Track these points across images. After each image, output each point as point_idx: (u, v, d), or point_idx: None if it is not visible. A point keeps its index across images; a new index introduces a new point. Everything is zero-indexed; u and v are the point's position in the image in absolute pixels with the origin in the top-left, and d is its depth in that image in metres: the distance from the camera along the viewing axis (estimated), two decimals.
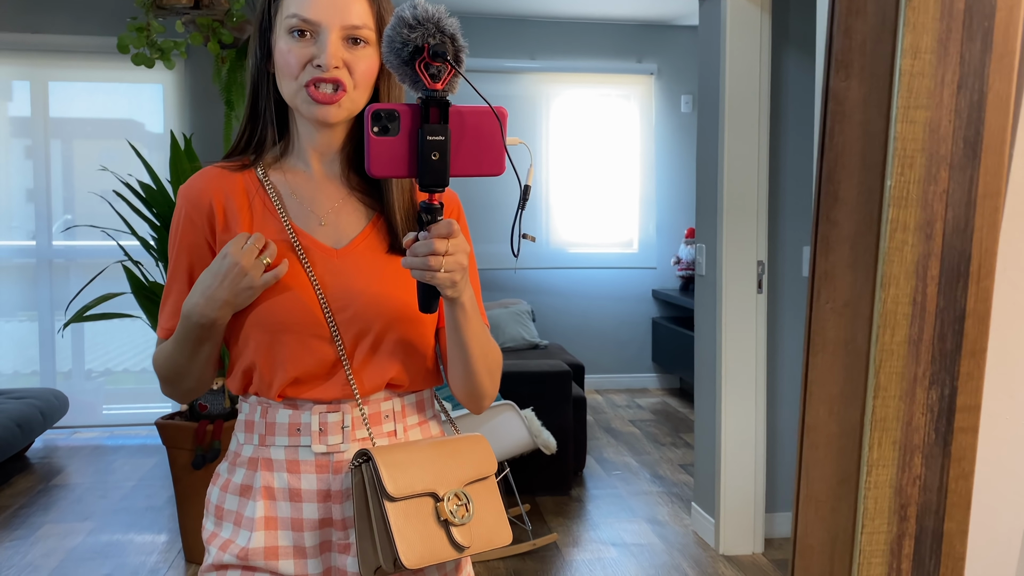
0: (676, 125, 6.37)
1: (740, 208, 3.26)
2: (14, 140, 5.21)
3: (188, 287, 1.22)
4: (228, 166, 1.24)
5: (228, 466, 1.26)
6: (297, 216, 1.21)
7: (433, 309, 1.09)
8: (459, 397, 1.25)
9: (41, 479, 4.21)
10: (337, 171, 1.24)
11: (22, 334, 5.27)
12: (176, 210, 1.25)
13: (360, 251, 1.21)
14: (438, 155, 1.00)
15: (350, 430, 1.20)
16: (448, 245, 1.04)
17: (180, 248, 1.23)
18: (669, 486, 4.12)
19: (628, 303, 6.40)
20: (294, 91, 1.16)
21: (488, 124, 1.02)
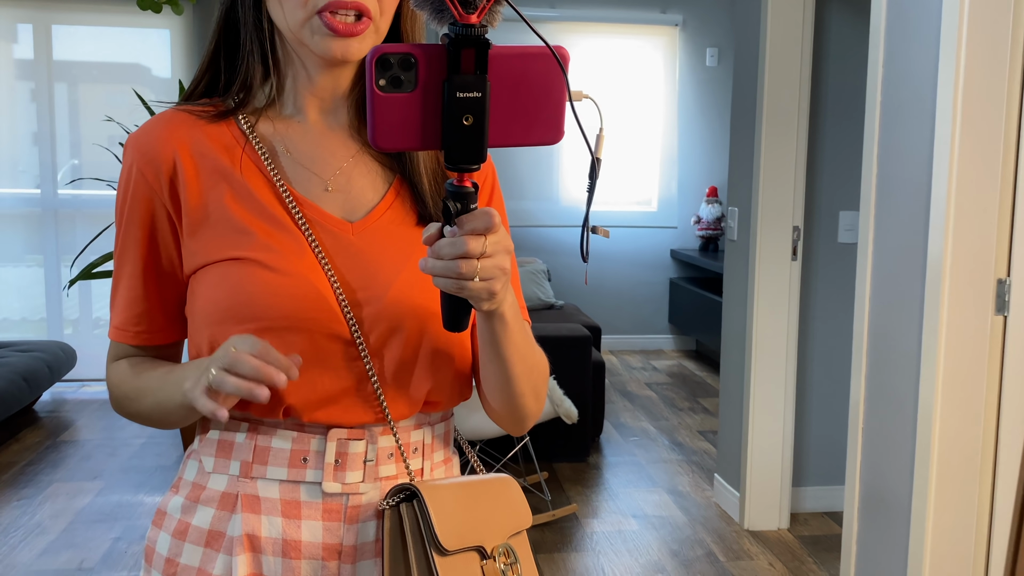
0: (701, 79, 6.16)
1: (777, 171, 3.10)
2: (18, 83, 5.05)
3: (143, 271, 0.93)
4: (196, 111, 0.93)
5: (183, 502, 0.93)
6: (296, 180, 0.92)
7: (463, 327, 0.80)
8: (495, 418, 0.98)
9: (49, 434, 4.14)
10: (343, 121, 0.95)
11: (29, 281, 5.17)
12: (124, 168, 0.92)
13: (382, 225, 0.92)
14: (472, 119, 0.70)
15: (373, 465, 0.91)
16: (485, 244, 0.74)
17: (130, 219, 0.92)
18: (689, 454, 4.02)
19: (645, 263, 6.26)
20: (301, 20, 0.86)
21: (542, 72, 0.71)
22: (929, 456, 2.11)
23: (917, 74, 2.17)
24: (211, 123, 0.93)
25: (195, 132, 0.92)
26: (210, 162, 0.91)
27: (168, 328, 0.97)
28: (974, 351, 2.09)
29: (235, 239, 0.88)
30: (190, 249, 0.91)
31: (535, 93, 0.72)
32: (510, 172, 5.92)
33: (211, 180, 0.90)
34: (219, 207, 0.90)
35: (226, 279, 0.88)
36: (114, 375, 0.98)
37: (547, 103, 0.72)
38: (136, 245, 0.93)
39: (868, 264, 2.37)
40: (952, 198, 2.04)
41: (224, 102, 0.94)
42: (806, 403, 3.29)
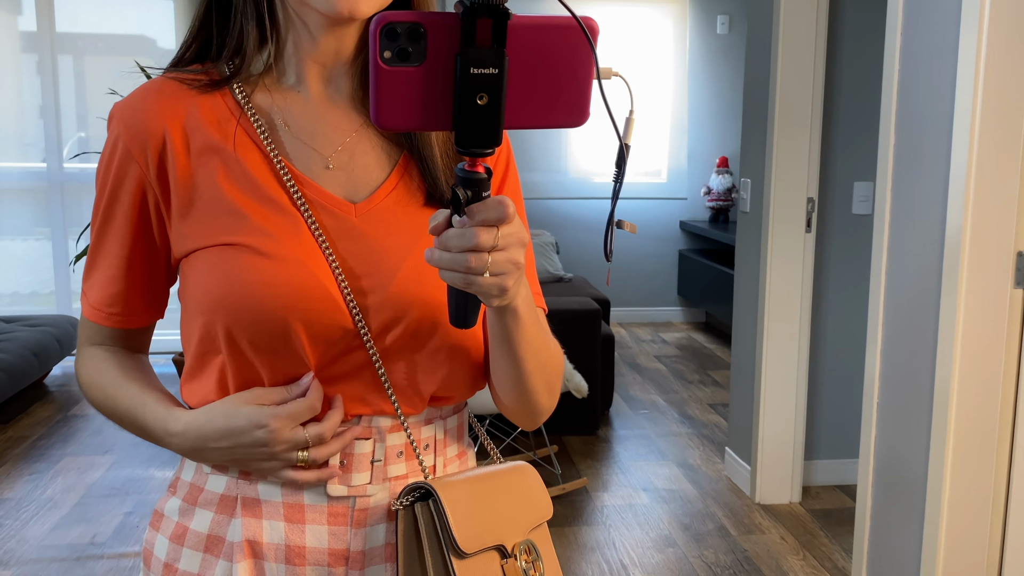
0: (711, 47, 6.07)
1: (791, 141, 3.05)
2: (23, 55, 5.02)
3: (123, 251, 0.86)
4: (187, 79, 0.85)
5: (181, 504, 0.88)
6: (294, 156, 0.85)
7: (471, 324, 0.74)
8: (506, 413, 0.92)
9: (60, 408, 4.15)
10: (346, 91, 0.88)
11: (38, 255, 5.17)
12: (109, 139, 0.85)
13: (388, 206, 0.85)
14: (487, 98, 0.62)
15: (381, 465, 0.85)
16: (497, 236, 0.67)
17: (112, 196, 0.85)
18: (699, 427, 4.01)
19: (654, 235, 6.21)
20: None
21: (567, 47, 0.64)
22: (946, 430, 2.08)
23: (937, 40, 2.11)
24: (203, 93, 0.85)
25: (186, 103, 0.85)
26: (202, 137, 0.84)
27: (144, 311, 0.91)
28: (992, 325, 2.06)
29: (228, 222, 0.82)
30: (180, 232, 0.84)
31: (558, 70, 0.64)
32: (519, 143, 5.87)
33: (202, 157, 0.83)
34: (211, 186, 0.83)
35: (218, 267, 0.81)
36: (84, 371, 0.92)
37: (571, 81, 0.65)
38: (117, 224, 0.86)
39: (884, 236, 2.34)
40: (972, 168, 2.00)
41: (217, 69, 0.86)
42: (819, 376, 3.27)
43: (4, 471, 3.40)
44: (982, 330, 2.05)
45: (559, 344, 0.91)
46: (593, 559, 2.78)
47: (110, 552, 2.76)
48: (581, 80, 0.65)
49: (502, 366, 0.84)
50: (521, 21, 0.63)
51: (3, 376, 3.79)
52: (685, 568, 2.73)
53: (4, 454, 3.58)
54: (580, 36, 0.64)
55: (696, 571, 2.72)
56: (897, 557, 2.30)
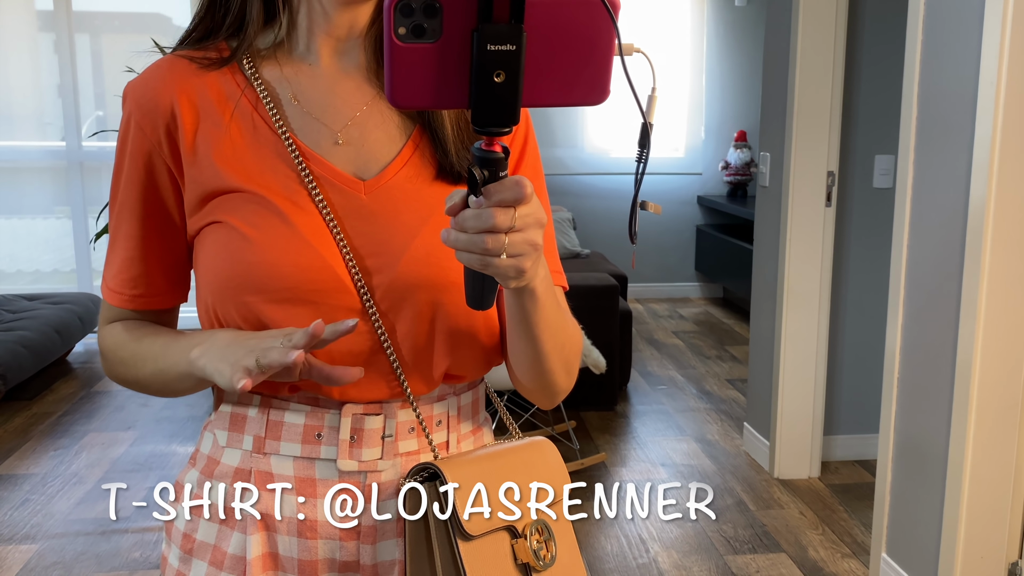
0: (730, 20, 6.00)
1: (811, 114, 3.02)
2: (41, 35, 5.04)
3: (140, 231, 0.86)
4: (196, 57, 0.85)
5: (198, 476, 0.89)
6: (303, 131, 0.84)
7: (487, 305, 0.73)
8: (524, 392, 0.91)
9: (83, 385, 4.20)
10: (359, 63, 0.86)
11: (58, 233, 5.22)
12: (123, 119, 0.85)
13: (398, 183, 0.84)
14: (504, 75, 0.61)
15: (392, 441, 0.85)
16: (515, 217, 0.65)
17: (129, 175, 0.85)
18: (717, 403, 4.01)
19: (672, 210, 6.17)
20: None
21: (588, 23, 0.62)
22: (967, 405, 2.07)
23: (962, 8, 2.08)
24: (212, 70, 0.85)
25: (195, 80, 0.84)
26: (209, 113, 0.83)
27: (168, 292, 0.90)
28: (1017, 299, 2.03)
29: (234, 199, 0.82)
30: (191, 208, 0.85)
31: (578, 46, 0.62)
32: (534, 118, 5.83)
33: (210, 132, 0.83)
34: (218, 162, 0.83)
35: (225, 246, 0.81)
36: (108, 338, 0.91)
37: (592, 58, 0.62)
38: (134, 202, 0.86)
39: (907, 209, 2.31)
40: (997, 141, 1.97)
41: (228, 45, 0.86)
42: (838, 351, 3.25)
43: (29, 447, 3.45)
44: (1006, 304, 2.03)
45: (577, 323, 0.90)
46: (612, 534, 2.79)
47: (134, 527, 2.80)
48: (601, 56, 0.63)
49: (519, 346, 0.83)
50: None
51: (26, 353, 3.84)
52: (704, 543, 2.74)
53: (29, 430, 3.63)
54: (601, 11, 0.62)
55: (715, 546, 2.73)
56: (917, 532, 2.29)
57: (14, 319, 4.15)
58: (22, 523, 2.85)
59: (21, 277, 5.28)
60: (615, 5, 0.62)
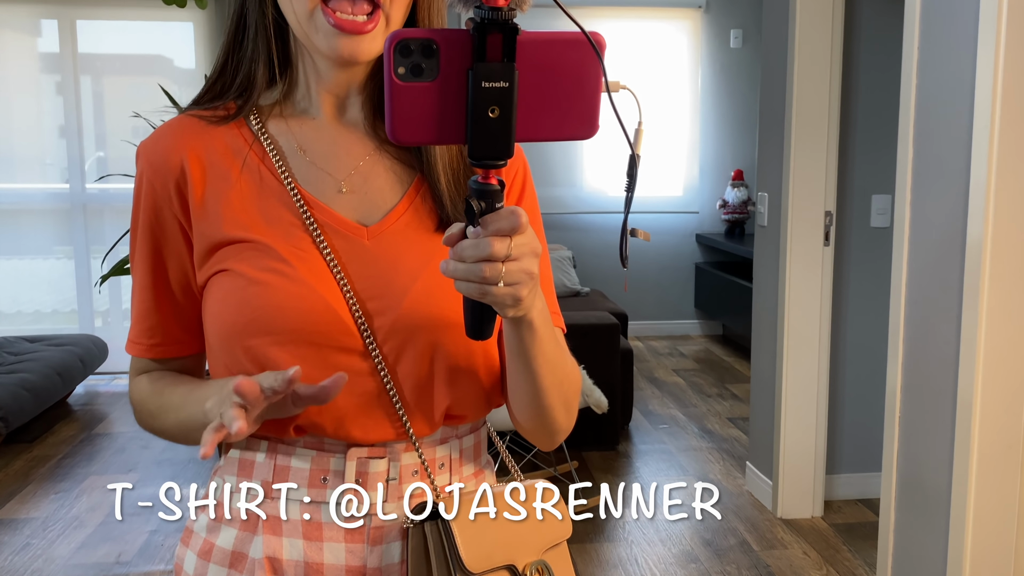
0: (725, 61, 6.09)
1: (808, 155, 3.06)
2: (43, 76, 5.10)
3: (153, 283, 0.90)
4: (205, 115, 0.89)
5: (208, 521, 0.90)
6: (307, 181, 0.87)
7: (487, 335, 0.75)
8: (523, 431, 0.92)
9: (84, 427, 4.19)
10: (359, 117, 0.90)
11: (60, 273, 5.23)
12: (136, 177, 0.90)
13: (398, 229, 0.87)
14: (498, 110, 0.64)
15: (396, 484, 0.87)
16: (511, 246, 0.68)
17: (142, 230, 0.89)
18: (719, 441, 4.00)
19: (671, 248, 6.21)
20: (305, 14, 0.82)
21: (576, 61, 0.65)
22: (969, 444, 2.08)
23: (955, 52, 2.12)
24: (220, 126, 0.89)
25: (204, 137, 0.88)
26: (217, 167, 0.87)
27: (186, 340, 0.93)
28: (1016, 337, 2.05)
29: (241, 248, 0.85)
30: (199, 259, 0.88)
31: (568, 83, 0.66)
32: (534, 158, 5.87)
33: (218, 185, 0.86)
34: (225, 214, 0.87)
35: (233, 291, 0.84)
36: (136, 392, 0.94)
37: (581, 94, 0.66)
38: (147, 256, 0.90)
39: (904, 249, 2.34)
40: (992, 181, 2.00)
41: (236, 103, 0.90)
42: (839, 389, 3.26)
43: (30, 491, 3.44)
44: (1005, 343, 2.05)
45: (576, 364, 0.92)
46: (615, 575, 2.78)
47: (136, 571, 2.79)
48: (590, 93, 0.66)
49: (518, 381, 0.85)
50: (530, 36, 0.65)
51: (28, 396, 3.84)
52: None
53: (29, 473, 3.62)
54: (588, 50, 0.65)
55: None
56: (921, 572, 2.28)
57: (16, 361, 4.16)
58: (23, 568, 2.83)
59: (21, 317, 5.29)
60: (601, 44, 0.66)
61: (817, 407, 3.17)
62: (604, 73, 0.66)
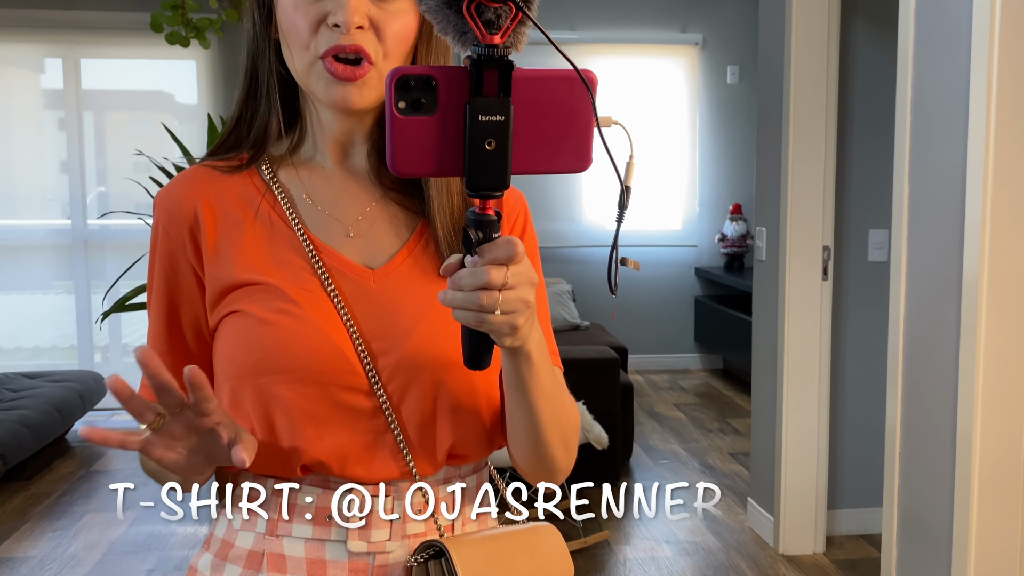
0: (722, 97, 6.15)
1: (805, 190, 3.08)
2: (47, 112, 5.15)
3: (167, 328, 0.92)
4: (219, 165, 0.93)
5: (212, 559, 0.92)
6: (316, 226, 0.91)
7: (484, 365, 0.76)
8: (522, 470, 0.93)
9: (81, 464, 4.17)
10: (365, 164, 0.93)
11: (60, 308, 5.24)
12: (153, 227, 0.93)
13: (402, 272, 0.90)
14: (494, 143, 0.67)
15: (400, 522, 0.88)
16: (507, 275, 0.70)
17: (158, 276, 0.92)
18: (720, 477, 3.98)
19: (670, 281, 6.23)
20: (306, 65, 0.86)
21: (569, 97, 0.68)
22: (969, 479, 2.07)
23: (948, 89, 2.15)
24: (233, 175, 0.92)
25: (217, 186, 0.92)
26: (230, 214, 0.90)
27: None
28: (1014, 372, 2.05)
29: (251, 291, 0.88)
30: (211, 302, 0.91)
31: (561, 118, 0.69)
32: (534, 192, 5.93)
33: (230, 231, 0.90)
34: (237, 259, 0.89)
35: (243, 331, 0.87)
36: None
37: (574, 129, 0.69)
38: (163, 302, 0.92)
39: (901, 283, 2.35)
40: (987, 216, 2.01)
41: (249, 153, 0.94)
42: (840, 424, 3.25)
43: (27, 529, 3.42)
44: (1003, 377, 2.05)
45: (575, 402, 0.93)
46: None
47: None
48: (583, 127, 0.69)
49: (517, 416, 0.86)
50: (525, 73, 0.67)
51: (27, 433, 3.83)
52: None
53: (27, 511, 3.59)
54: (581, 86, 0.68)
55: None
56: None
57: (15, 398, 4.15)
58: None
59: (20, 353, 5.29)
60: (593, 81, 0.68)
61: (818, 442, 3.16)
62: (594, 109, 0.69)
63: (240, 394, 0.86)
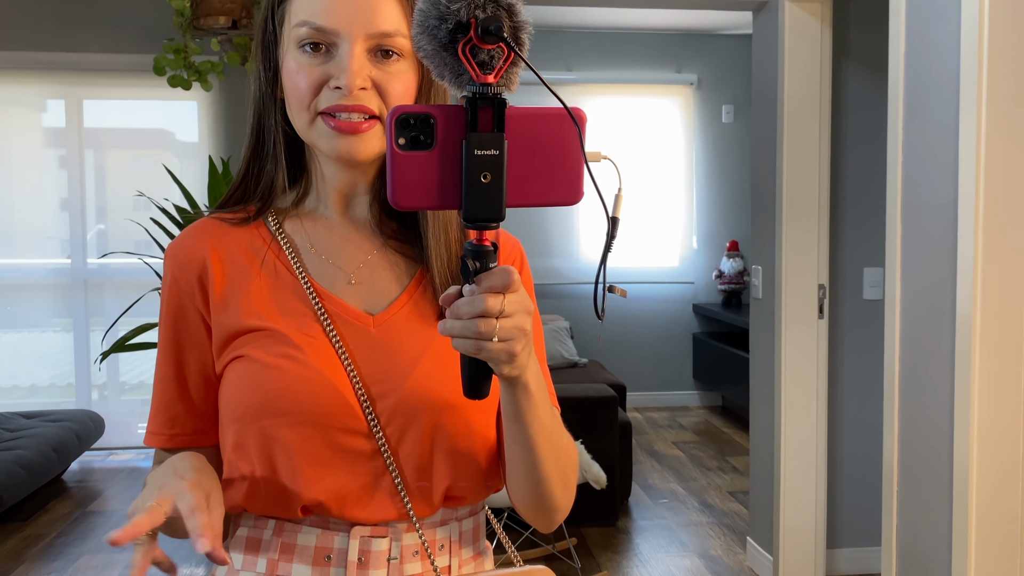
0: (717, 135, 6.22)
1: (800, 229, 3.11)
2: (48, 150, 5.19)
3: (176, 374, 0.94)
4: (227, 218, 0.97)
5: None
6: (319, 274, 0.94)
7: (483, 394, 0.78)
8: (521, 510, 0.94)
9: (78, 505, 4.15)
10: (367, 215, 0.97)
11: (58, 347, 5.23)
12: (163, 278, 0.97)
13: (402, 318, 0.93)
14: (490, 176, 0.70)
15: (397, 563, 0.90)
16: (504, 303, 0.72)
17: (166, 322, 0.95)
18: (719, 516, 3.96)
19: (668, 318, 6.24)
20: (308, 123, 0.90)
21: (560, 133, 0.72)
22: (967, 518, 2.07)
23: (938, 129, 2.18)
24: (241, 227, 0.96)
25: (225, 237, 0.96)
26: (237, 264, 0.94)
27: (206, 431, 0.96)
28: (1009, 411, 2.06)
29: (256, 336, 0.91)
30: (217, 348, 0.93)
31: (553, 153, 0.72)
32: (533, 229, 5.97)
33: (237, 280, 0.93)
34: (243, 306, 0.93)
35: (248, 375, 0.89)
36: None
37: (565, 163, 0.72)
38: (171, 349, 0.95)
39: (896, 322, 2.36)
40: (979, 253, 2.04)
41: (256, 205, 0.98)
42: (838, 462, 3.25)
43: (23, 571, 3.39)
44: (998, 417, 2.06)
45: (573, 440, 0.94)
46: None
47: None
48: (573, 162, 0.73)
49: (516, 451, 0.87)
50: (518, 111, 0.71)
51: (23, 473, 3.81)
52: None
53: (22, 553, 3.57)
54: (570, 123, 0.72)
55: None
56: None
57: (12, 438, 4.14)
58: None
59: (17, 391, 5.27)
60: (581, 118, 0.72)
61: (816, 480, 3.15)
62: (582, 144, 0.72)
63: (244, 437, 0.88)
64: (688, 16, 5.73)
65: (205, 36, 3.42)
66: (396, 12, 0.88)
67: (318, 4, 0.87)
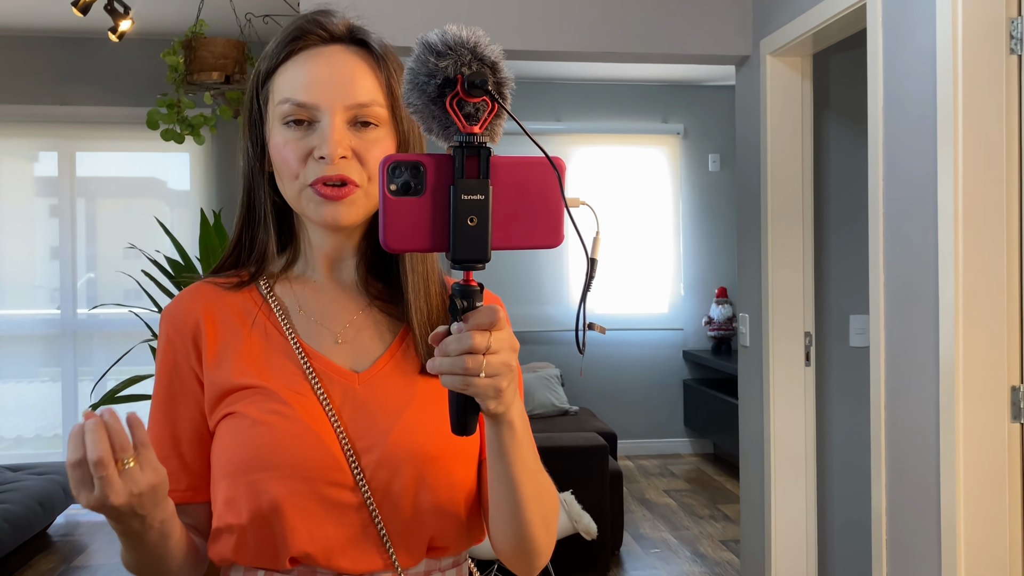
0: (704, 184, 6.30)
1: (785, 277, 3.14)
2: (39, 199, 5.21)
3: (170, 433, 0.98)
4: (221, 282, 1.02)
5: None
6: (307, 334, 0.99)
7: (471, 430, 0.81)
8: (504, 554, 0.96)
9: (63, 559, 4.09)
10: (353, 278, 1.02)
11: (45, 398, 5.20)
12: (159, 340, 1.02)
13: (385, 374, 0.97)
14: (476, 219, 0.75)
15: None
16: (491, 339, 0.76)
17: (161, 381, 1.00)
18: (711, 565, 3.93)
19: (658, 365, 6.25)
20: (296, 192, 0.95)
21: (541, 180, 0.77)
22: (955, 567, 2.06)
23: (917, 179, 2.23)
24: (234, 292, 1.01)
25: (218, 300, 1.01)
26: (230, 325, 0.99)
27: (199, 487, 0.99)
28: (993, 459, 2.07)
29: (246, 395, 0.95)
30: (209, 406, 0.97)
31: (535, 199, 0.77)
32: (522, 276, 6.00)
33: (229, 342, 0.98)
34: (234, 366, 0.97)
35: (239, 431, 0.93)
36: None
37: (547, 208, 0.77)
38: (166, 407, 0.98)
39: (881, 370, 2.38)
40: (960, 306, 2.07)
41: (249, 271, 1.03)
42: (828, 510, 3.24)
43: None
44: (983, 463, 2.07)
45: (554, 484, 0.97)
46: None
47: None
48: (554, 207, 0.78)
49: (499, 491, 0.90)
50: (502, 159, 0.76)
51: (8, 528, 3.76)
52: None
53: None
54: (551, 171, 0.77)
55: None
56: None
57: None
58: None
59: (2, 443, 5.22)
60: (561, 166, 0.77)
61: (807, 528, 3.15)
62: (562, 190, 0.77)
63: (235, 490, 0.92)
64: (674, 68, 5.85)
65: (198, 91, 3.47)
66: (372, 84, 0.95)
67: (299, 82, 0.94)
